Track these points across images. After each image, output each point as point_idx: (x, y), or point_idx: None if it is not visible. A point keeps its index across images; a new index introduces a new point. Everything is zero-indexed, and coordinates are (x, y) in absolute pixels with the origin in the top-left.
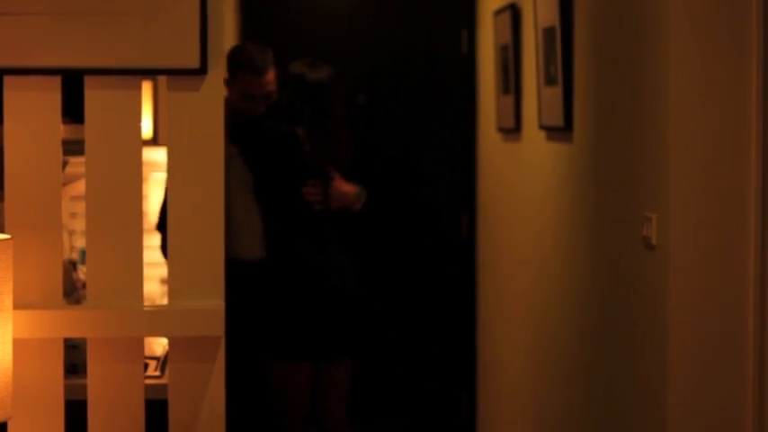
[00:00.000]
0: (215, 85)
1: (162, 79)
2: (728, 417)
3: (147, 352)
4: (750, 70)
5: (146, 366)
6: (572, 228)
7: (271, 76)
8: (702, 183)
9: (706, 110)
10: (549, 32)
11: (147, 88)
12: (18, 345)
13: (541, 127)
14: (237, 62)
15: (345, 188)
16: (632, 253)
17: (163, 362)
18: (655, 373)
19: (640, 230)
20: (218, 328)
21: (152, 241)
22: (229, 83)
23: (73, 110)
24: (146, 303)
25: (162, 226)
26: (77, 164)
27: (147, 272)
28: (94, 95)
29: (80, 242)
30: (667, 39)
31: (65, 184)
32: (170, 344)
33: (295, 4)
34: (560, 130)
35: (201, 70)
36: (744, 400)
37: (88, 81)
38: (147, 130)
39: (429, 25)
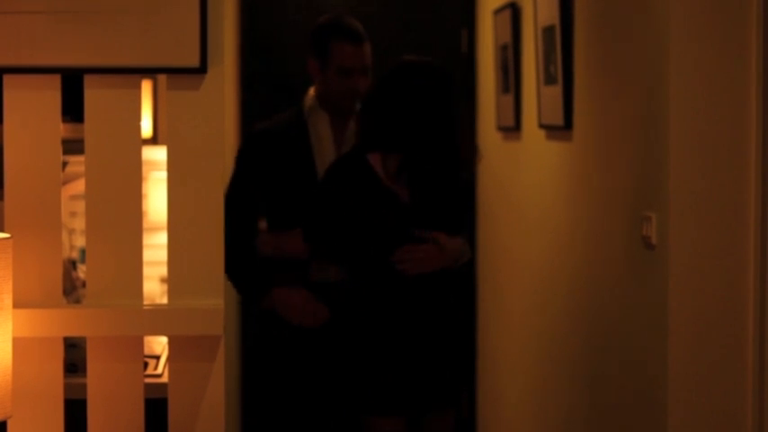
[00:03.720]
0: (215, 84)
1: (162, 78)
2: (728, 416)
3: (147, 351)
4: (750, 69)
5: (145, 365)
6: (571, 227)
7: (368, 47)
8: (702, 182)
9: (706, 109)
10: (548, 31)
11: (146, 87)
12: (18, 343)
13: (541, 126)
14: (330, 31)
15: (450, 245)
16: (632, 252)
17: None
18: (655, 373)
19: (640, 230)
20: (217, 327)
21: (152, 240)
22: (320, 66)
23: (73, 109)
24: (145, 302)
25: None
26: (77, 163)
27: (146, 271)
28: (94, 94)
29: (80, 241)
30: (667, 38)
31: (64, 183)
32: (170, 343)
33: (295, 3)
34: (560, 129)
35: (201, 69)
36: (744, 400)
37: (88, 80)
38: (146, 129)
39: (429, 24)
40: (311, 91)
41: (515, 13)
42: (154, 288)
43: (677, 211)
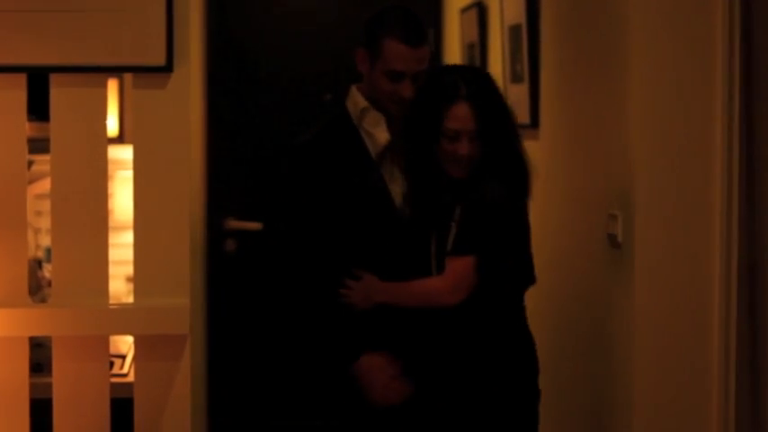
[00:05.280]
0: (181, 83)
1: (128, 77)
2: (694, 411)
3: (113, 350)
4: (715, 68)
5: (111, 365)
6: (538, 226)
7: (425, 52)
8: (667, 181)
9: (671, 108)
10: (515, 30)
11: (112, 86)
12: None
13: None
14: (385, 26)
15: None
16: (598, 250)
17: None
18: (621, 369)
19: (606, 228)
20: (183, 326)
21: (118, 239)
22: (370, 61)
23: (38, 108)
24: (111, 302)
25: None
26: (43, 162)
27: (112, 270)
28: (60, 93)
29: (45, 240)
30: (632, 37)
31: (30, 183)
32: (135, 342)
33: (262, 2)
34: (526, 128)
35: (167, 68)
36: (709, 394)
37: (53, 79)
38: (112, 127)
39: None
40: (355, 90)
41: (482, 11)
42: (120, 287)
43: (643, 210)
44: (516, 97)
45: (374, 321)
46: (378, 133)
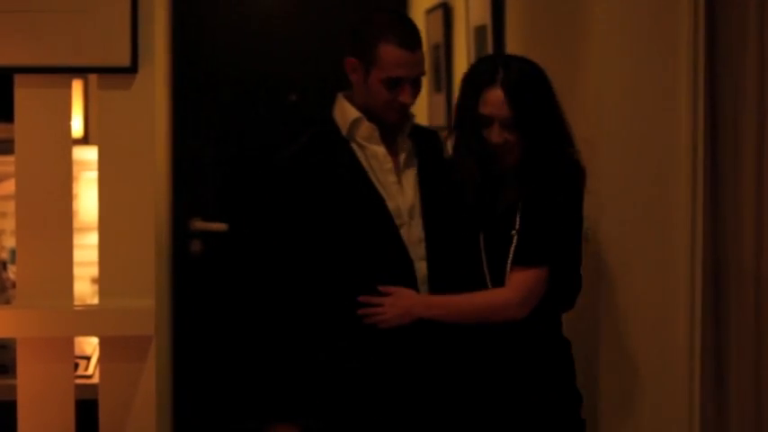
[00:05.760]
0: (146, 84)
1: (93, 78)
2: (660, 402)
3: (78, 352)
4: (679, 71)
5: (76, 366)
6: None
7: (422, 55)
8: (634, 178)
9: (635, 107)
10: (480, 31)
11: (77, 87)
12: None
13: None
14: (379, 31)
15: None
16: None
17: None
18: (586, 365)
19: None
20: (148, 327)
21: (82, 240)
22: (364, 69)
23: (2, 109)
24: (76, 303)
25: None
26: (7, 163)
27: (77, 271)
28: (24, 94)
29: (10, 242)
30: (596, 37)
31: None
32: (100, 343)
33: (227, 3)
34: None
35: (132, 69)
36: (676, 387)
37: (18, 79)
38: (77, 128)
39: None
40: (343, 99)
41: (447, 12)
42: (85, 288)
43: (609, 206)
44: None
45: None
46: (371, 146)
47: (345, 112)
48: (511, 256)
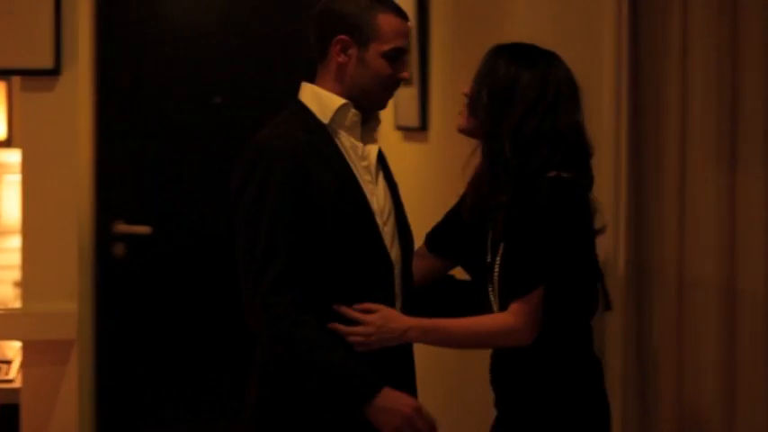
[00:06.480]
0: (69, 86)
1: (16, 80)
2: None
3: (0, 356)
4: (608, 68)
5: None
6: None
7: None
8: None
9: None
10: None
11: (0, 89)
12: None
13: (398, 128)
14: (368, 2)
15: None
16: None
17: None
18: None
19: None
20: (71, 331)
21: (5, 244)
22: (359, 46)
23: None
24: None
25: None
26: None
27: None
28: None
29: None
30: (522, 39)
31: None
32: (23, 347)
33: (152, 7)
34: (416, 131)
35: (55, 71)
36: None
37: None
38: (0, 131)
39: (287, 24)
40: (317, 88)
41: None
42: (7, 292)
43: None
44: (406, 101)
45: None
46: (351, 138)
47: (326, 98)
48: (496, 283)
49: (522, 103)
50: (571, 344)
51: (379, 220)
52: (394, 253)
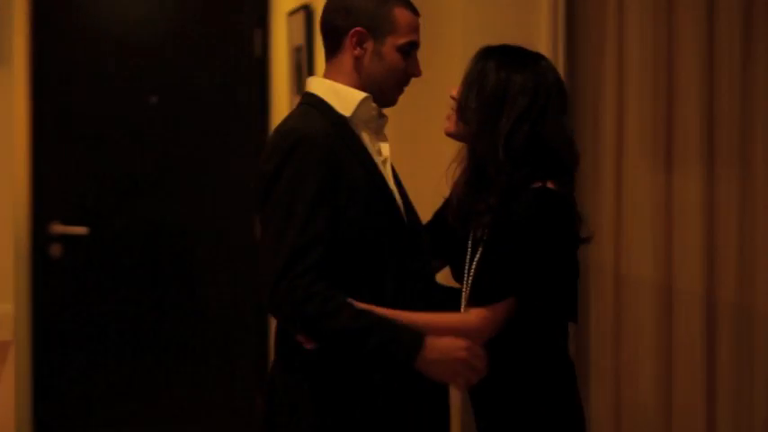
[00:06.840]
0: (3, 85)
1: None
2: None
3: None
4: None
5: None
6: None
7: None
8: None
9: None
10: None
11: None
12: None
13: None
14: None
15: None
16: None
17: None
18: None
19: None
20: (7, 332)
21: None
22: (374, 38)
23: None
24: None
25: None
26: None
27: None
28: None
29: None
30: (456, 43)
31: None
32: None
33: (88, 6)
34: None
35: None
36: None
37: None
38: None
39: (221, 25)
40: (331, 82)
41: (309, 14)
42: None
43: None
44: None
45: None
46: (371, 130)
47: (345, 92)
48: (469, 285)
49: (515, 108)
50: (546, 348)
51: (405, 217)
52: None
